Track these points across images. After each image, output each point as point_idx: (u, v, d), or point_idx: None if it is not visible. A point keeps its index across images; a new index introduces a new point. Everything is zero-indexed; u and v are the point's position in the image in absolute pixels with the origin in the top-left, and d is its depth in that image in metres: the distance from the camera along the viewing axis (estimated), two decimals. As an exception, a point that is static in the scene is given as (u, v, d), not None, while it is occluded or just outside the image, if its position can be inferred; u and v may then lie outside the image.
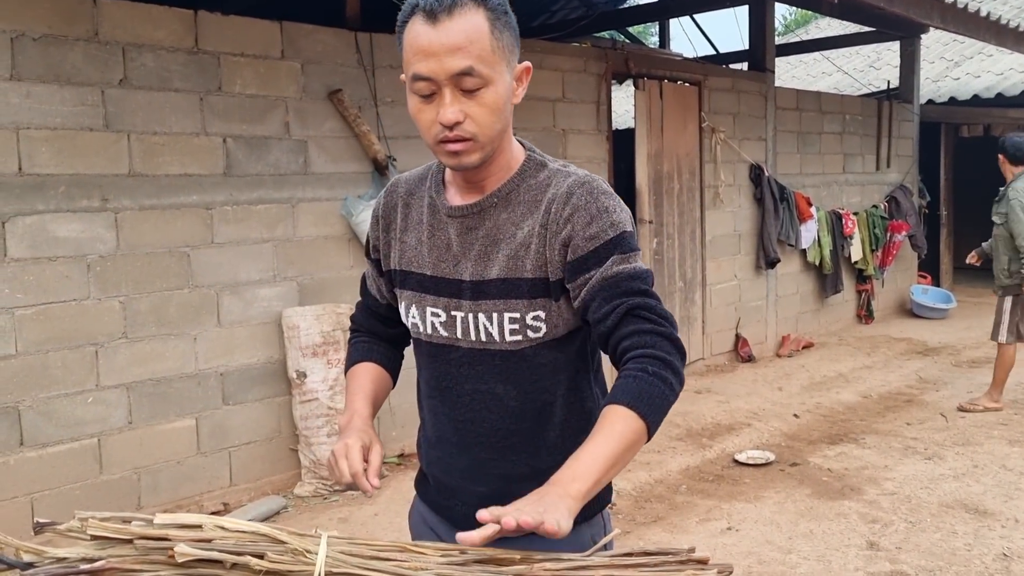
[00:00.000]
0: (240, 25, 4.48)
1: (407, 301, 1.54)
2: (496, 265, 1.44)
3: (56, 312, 3.94)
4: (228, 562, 1.01)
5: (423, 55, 1.32)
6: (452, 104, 1.33)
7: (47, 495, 3.94)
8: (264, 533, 1.04)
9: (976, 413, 5.96)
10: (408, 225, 1.55)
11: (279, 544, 1.04)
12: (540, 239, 1.42)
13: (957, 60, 12.45)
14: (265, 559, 1.02)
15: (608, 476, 1.27)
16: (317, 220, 4.83)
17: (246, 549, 1.02)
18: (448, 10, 1.30)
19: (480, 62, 1.32)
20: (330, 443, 4.58)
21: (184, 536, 1.02)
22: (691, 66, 7.82)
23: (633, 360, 1.34)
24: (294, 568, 1.03)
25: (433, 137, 1.37)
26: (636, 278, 1.39)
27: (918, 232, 9.90)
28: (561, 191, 1.42)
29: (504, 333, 1.44)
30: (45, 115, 3.86)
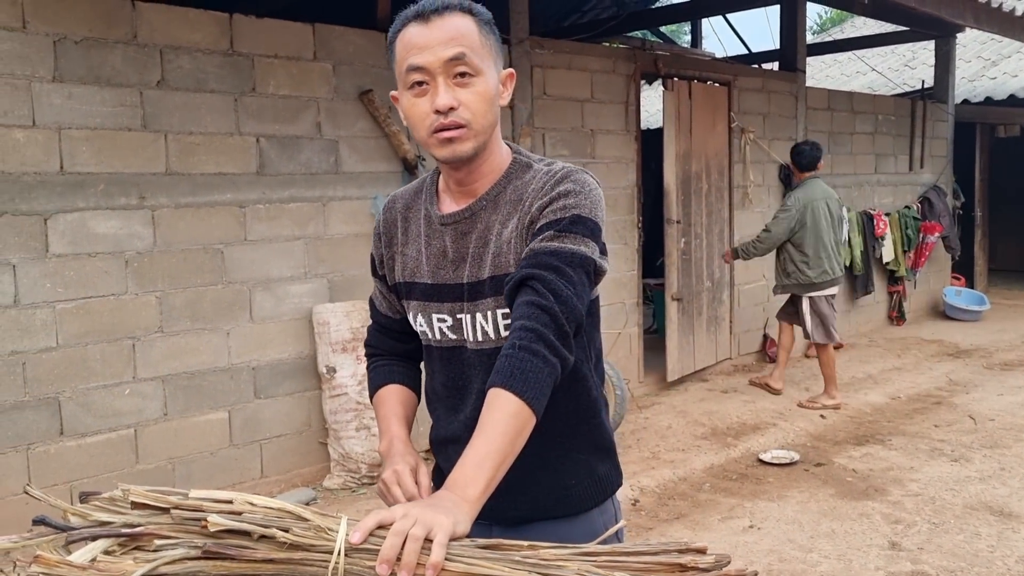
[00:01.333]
0: (274, 27, 4.58)
1: (414, 311, 1.60)
2: (488, 265, 1.50)
3: (95, 306, 4.07)
4: (256, 534, 1.07)
5: (417, 49, 1.40)
6: (446, 91, 1.40)
7: (86, 483, 4.06)
8: (289, 510, 1.11)
9: (816, 410, 6.20)
10: (408, 238, 1.61)
11: (302, 521, 1.10)
12: (519, 233, 1.48)
13: (994, 59, 12.29)
14: (290, 533, 1.08)
15: (501, 470, 1.28)
16: (347, 218, 4.93)
17: (273, 523, 1.08)
18: (439, 12, 1.40)
19: (471, 51, 1.40)
20: (359, 437, 4.68)
21: (216, 508, 1.09)
22: (721, 66, 7.83)
23: (511, 334, 1.36)
24: (316, 543, 1.09)
25: (428, 128, 1.43)
26: (554, 254, 1.39)
27: (951, 233, 9.81)
28: (540, 184, 1.48)
29: (499, 330, 1.49)
30: (86, 115, 3.99)
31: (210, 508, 1.09)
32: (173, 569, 1.06)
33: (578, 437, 1.59)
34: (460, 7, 1.43)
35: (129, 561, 1.06)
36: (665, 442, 5.54)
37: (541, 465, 1.48)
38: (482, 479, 1.25)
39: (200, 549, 1.07)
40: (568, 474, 1.58)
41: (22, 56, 3.81)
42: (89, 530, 1.09)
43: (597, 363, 1.64)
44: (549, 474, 1.55)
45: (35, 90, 3.85)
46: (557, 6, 9.89)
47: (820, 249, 6.24)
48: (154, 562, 1.05)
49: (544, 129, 5.87)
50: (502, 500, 1.51)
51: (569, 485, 1.57)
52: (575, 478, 1.58)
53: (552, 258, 1.38)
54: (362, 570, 1.10)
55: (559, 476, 1.56)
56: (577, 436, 1.59)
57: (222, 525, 1.06)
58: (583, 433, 1.60)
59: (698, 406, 6.38)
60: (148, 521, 1.10)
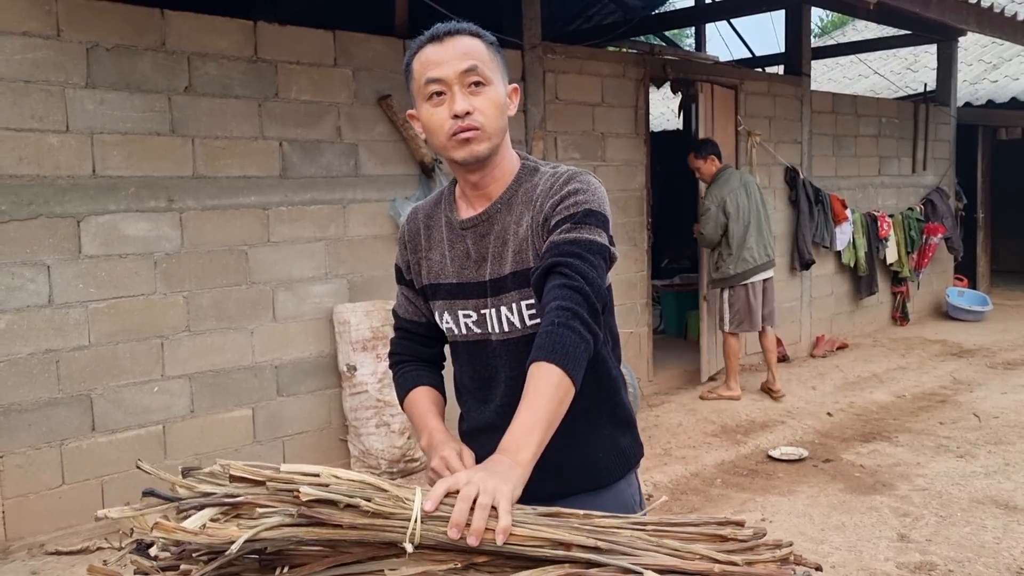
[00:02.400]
0: (296, 34, 4.70)
1: (440, 310, 1.74)
2: (508, 262, 1.64)
3: (125, 306, 4.19)
4: (342, 503, 1.18)
5: (434, 64, 1.57)
6: (462, 98, 1.56)
7: (116, 478, 4.18)
8: (370, 482, 1.22)
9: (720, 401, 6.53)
10: (431, 244, 1.75)
11: (382, 492, 1.22)
12: (533, 229, 1.63)
13: (996, 63, 12.41)
14: (372, 502, 1.19)
15: (547, 436, 1.40)
16: (367, 220, 5.05)
17: (356, 494, 1.19)
18: (451, 34, 1.58)
19: (482, 64, 1.58)
20: (378, 433, 4.79)
21: (306, 480, 1.20)
22: (727, 70, 7.95)
23: (547, 315, 1.49)
24: (394, 511, 1.20)
25: (446, 133, 1.58)
26: (575, 243, 1.54)
27: (954, 235, 9.92)
28: (548, 185, 1.64)
29: (524, 319, 1.64)
30: (116, 120, 4.11)
31: (300, 480, 1.20)
32: (272, 534, 1.17)
33: (602, 414, 1.74)
34: (469, 31, 1.61)
35: (233, 527, 1.17)
36: (676, 439, 5.66)
37: (570, 442, 1.60)
38: (532, 443, 1.37)
39: (294, 516, 1.18)
40: (595, 448, 1.72)
41: (56, 63, 3.93)
42: (197, 500, 1.21)
43: (615, 346, 1.78)
44: (577, 450, 1.68)
45: (68, 96, 3.97)
46: (563, 12, 10.01)
47: (743, 240, 6.41)
48: (256, 527, 1.16)
49: (556, 132, 5.99)
50: (534, 478, 1.64)
51: (597, 459, 1.71)
52: (601, 451, 1.72)
53: (573, 246, 1.53)
54: (436, 535, 1.21)
55: (587, 451, 1.70)
56: (601, 412, 1.74)
57: (313, 495, 1.17)
58: (606, 409, 1.75)
59: (707, 404, 6.50)
60: (246, 492, 1.21)
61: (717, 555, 1.26)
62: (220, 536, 1.15)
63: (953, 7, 6.97)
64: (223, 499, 1.20)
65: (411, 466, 4.93)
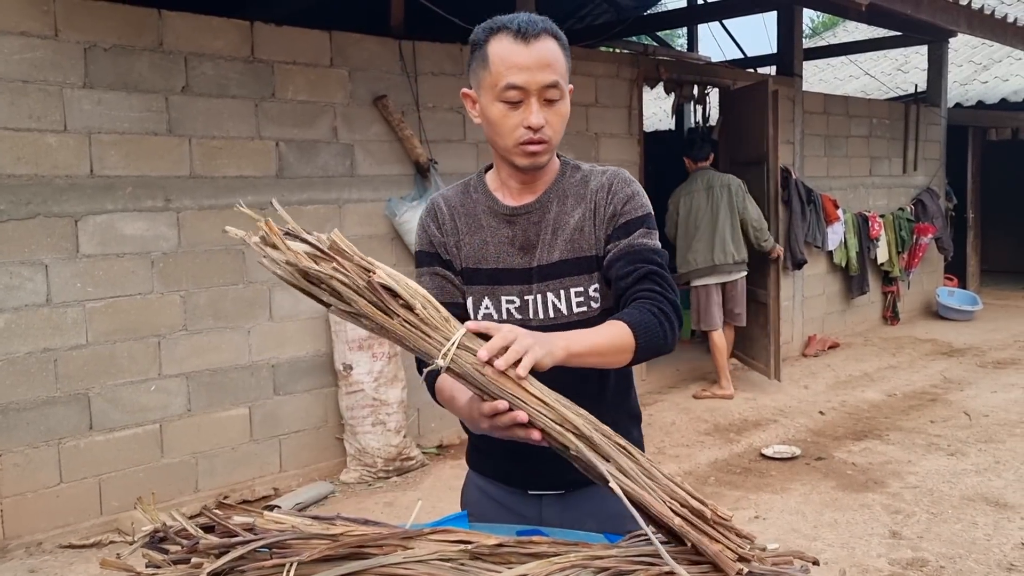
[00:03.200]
0: (293, 35, 4.72)
1: (478, 295, 1.74)
2: (557, 249, 1.69)
3: (123, 305, 4.20)
4: (403, 299, 1.30)
5: (517, 68, 1.56)
6: (539, 111, 1.59)
7: (113, 476, 4.20)
8: (429, 299, 1.34)
9: (714, 399, 6.62)
10: (470, 229, 1.76)
11: (437, 310, 1.34)
12: (592, 221, 1.69)
13: (986, 64, 12.51)
14: (426, 310, 1.31)
15: (590, 355, 1.46)
16: (362, 220, 5.07)
17: (417, 297, 1.32)
18: (536, 35, 1.58)
19: (561, 78, 1.60)
20: (375, 432, 4.82)
21: (384, 272, 1.31)
22: (720, 71, 8.00)
23: (640, 301, 1.59)
24: (440, 326, 1.32)
25: (515, 139, 1.61)
26: (656, 252, 1.66)
27: (944, 235, 10.00)
28: (603, 182, 1.72)
29: (572, 306, 1.69)
30: (114, 120, 4.12)
31: (379, 267, 1.32)
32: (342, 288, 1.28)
33: (622, 406, 1.81)
34: (551, 31, 1.61)
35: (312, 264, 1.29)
36: (670, 438, 5.70)
37: None
38: (576, 346, 1.43)
39: (361, 289, 1.29)
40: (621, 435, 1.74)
41: (54, 63, 3.94)
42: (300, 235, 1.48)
43: None
44: None
45: (66, 96, 3.99)
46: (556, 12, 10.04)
47: (688, 242, 6.57)
48: (332, 275, 1.27)
49: (551, 133, 6.00)
50: (557, 466, 1.66)
51: None
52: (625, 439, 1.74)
53: (656, 256, 1.65)
54: (464, 362, 1.31)
55: None
56: (621, 405, 1.81)
57: (384, 280, 1.30)
58: (625, 402, 1.82)
59: (700, 403, 6.54)
60: (338, 259, 1.30)
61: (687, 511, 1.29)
62: (302, 261, 1.27)
63: (944, 8, 7.04)
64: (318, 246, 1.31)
65: (407, 464, 4.95)
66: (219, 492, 4.53)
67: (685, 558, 1.27)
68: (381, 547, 1.27)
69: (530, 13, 1.62)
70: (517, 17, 1.60)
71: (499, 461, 1.81)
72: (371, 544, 1.27)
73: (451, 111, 5.43)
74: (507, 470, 1.81)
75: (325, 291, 1.28)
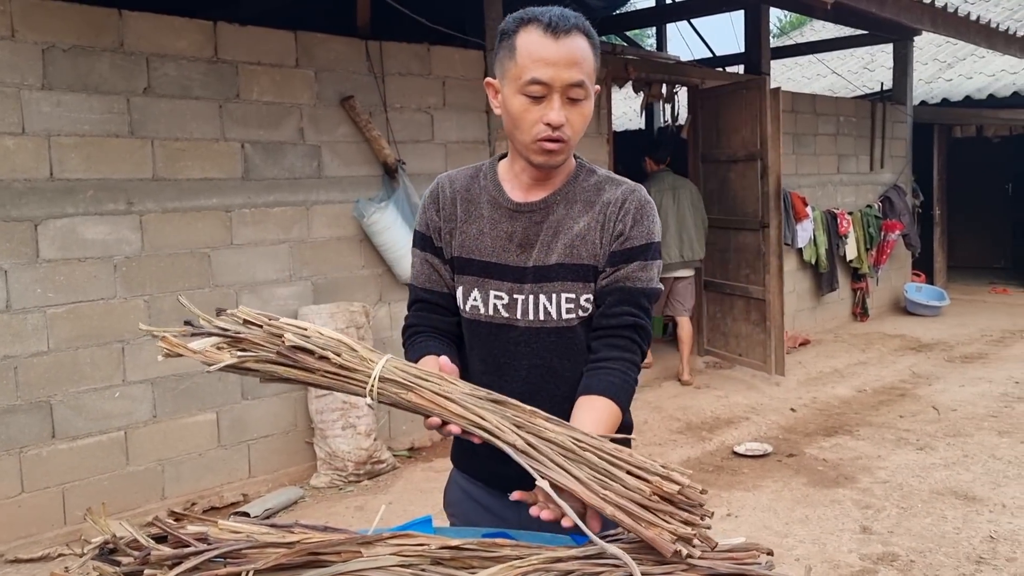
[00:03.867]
0: (257, 35, 4.66)
1: (468, 285, 1.71)
2: (556, 252, 1.65)
3: (85, 311, 4.13)
4: (317, 353, 1.36)
5: (543, 63, 1.53)
6: (561, 109, 1.55)
7: (77, 485, 4.12)
8: (345, 342, 1.39)
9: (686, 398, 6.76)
10: (469, 217, 1.73)
11: (353, 351, 1.38)
12: (598, 233, 1.65)
13: (950, 62, 12.66)
14: (341, 356, 1.36)
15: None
16: (330, 222, 5.02)
17: (330, 348, 1.37)
18: (567, 31, 1.54)
19: (587, 78, 1.57)
20: (344, 435, 4.77)
21: (294, 331, 1.38)
22: (689, 70, 8.02)
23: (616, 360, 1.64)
24: (359, 367, 1.36)
25: (533, 135, 1.57)
26: (647, 296, 1.66)
27: (912, 231, 10.10)
28: (617, 196, 1.68)
29: (561, 311, 1.66)
30: (74, 122, 4.05)
31: (287, 328, 1.38)
32: (257, 366, 1.36)
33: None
34: (582, 28, 1.57)
35: (227, 354, 1.36)
36: (642, 436, 5.70)
37: None
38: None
39: (276, 354, 1.36)
40: None
41: (11, 64, 3.86)
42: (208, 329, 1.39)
43: None
44: None
45: (24, 98, 3.90)
46: (525, 11, 10.02)
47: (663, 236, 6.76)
48: (244, 356, 1.35)
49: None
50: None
51: None
52: None
53: (646, 300, 1.66)
54: (390, 395, 1.37)
55: None
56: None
57: (294, 342, 1.36)
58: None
59: (672, 401, 6.56)
60: (248, 332, 1.37)
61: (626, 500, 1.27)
62: (213, 357, 1.35)
63: (908, 7, 7.10)
64: (225, 331, 1.38)
65: (378, 467, 4.91)
66: (187, 499, 4.47)
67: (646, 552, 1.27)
68: (339, 553, 1.24)
69: (564, 8, 1.59)
70: (550, 11, 1.56)
71: (483, 461, 1.79)
72: (329, 551, 1.24)
73: (419, 111, 5.39)
74: (489, 471, 1.78)
75: (243, 369, 1.36)
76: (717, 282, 7.61)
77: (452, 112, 5.55)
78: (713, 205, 7.52)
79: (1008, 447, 5.19)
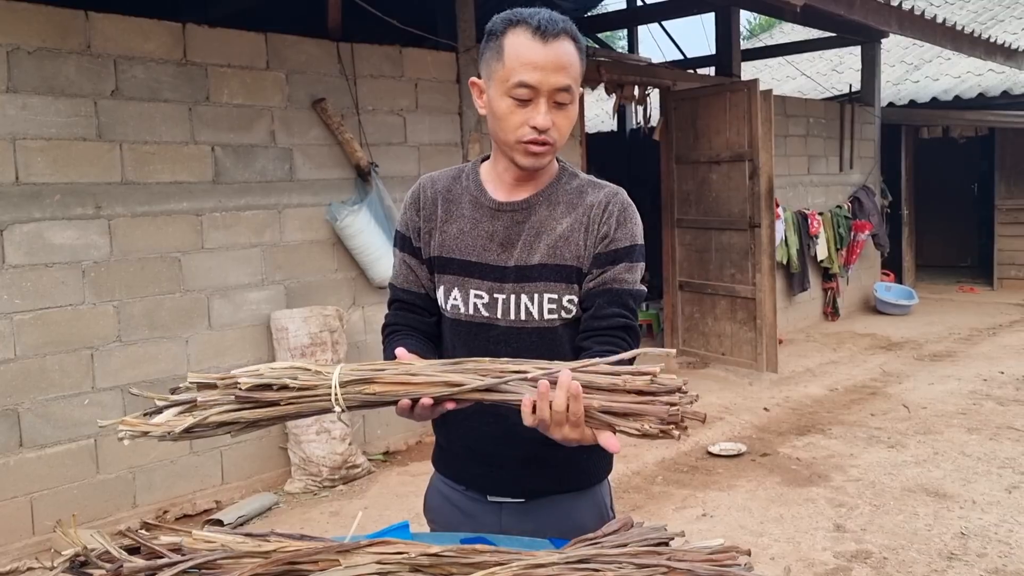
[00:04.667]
0: (227, 37, 4.62)
1: (448, 284, 1.71)
2: (538, 253, 1.65)
3: (53, 317, 4.06)
4: (275, 385, 1.35)
5: (531, 67, 1.53)
6: (547, 113, 1.56)
7: (46, 495, 4.05)
8: (297, 366, 1.40)
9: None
10: (449, 217, 1.72)
11: (306, 371, 1.39)
12: (582, 234, 1.65)
13: (916, 64, 12.83)
14: (297, 380, 1.36)
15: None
16: (303, 225, 4.98)
17: (284, 376, 1.36)
18: (555, 35, 1.55)
19: (574, 82, 1.57)
20: (319, 440, 4.73)
21: (243, 373, 1.37)
22: (661, 71, 8.06)
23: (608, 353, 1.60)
24: (318, 383, 1.36)
25: (518, 137, 1.58)
26: (633, 296, 1.66)
27: (881, 231, 10.21)
28: (600, 198, 1.67)
29: (543, 312, 1.65)
30: (40, 126, 3.98)
31: (240, 376, 1.37)
32: (220, 417, 1.34)
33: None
34: (570, 33, 1.57)
35: (188, 417, 1.34)
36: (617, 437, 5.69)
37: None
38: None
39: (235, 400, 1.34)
40: (581, 449, 1.71)
41: (-25, 67, 3.80)
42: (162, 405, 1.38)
43: None
44: (567, 450, 1.67)
45: (-12, 101, 3.84)
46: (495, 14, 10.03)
47: None
48: (206, 414, 1.34)
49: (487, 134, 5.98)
50: (523, 473, 1.63)
51: (581, 459, 1.70)
52: (586, 453, 1.70)
53: (632, 301, 1.66)
54: (356, 395, 1.37)
55: (575, 451, 1.69)
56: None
57: (249, 382, 1.35)
58: None
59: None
60: (204, 395, 1.36)
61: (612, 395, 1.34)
62: (175, 424, 1.32)
63: (876, 9, 7.18)
64: (179, 399, 1.36)
65: (353, 472, 4.88)
66: (158, 507, 4.41)
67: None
68: (317, 563, 1.23)
69: (551, 11, 1.59)
70: (539, 13, 1.56)
71: (462, 463, 1.79)
72: (306, 560, 1.22)
73: (391, 114, 5.37)
74: (468, 473, 1.78)
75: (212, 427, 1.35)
76: (696, 282, 7.66)
77: (425, 114, 5.54)
78: (689, 206, 7.57)
79: (977, 444, 5.26)
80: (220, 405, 1.34)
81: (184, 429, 1.32)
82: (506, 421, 1.64)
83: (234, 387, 1.34)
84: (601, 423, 1.34)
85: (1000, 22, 13.30)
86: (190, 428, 1.32)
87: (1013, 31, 12.48)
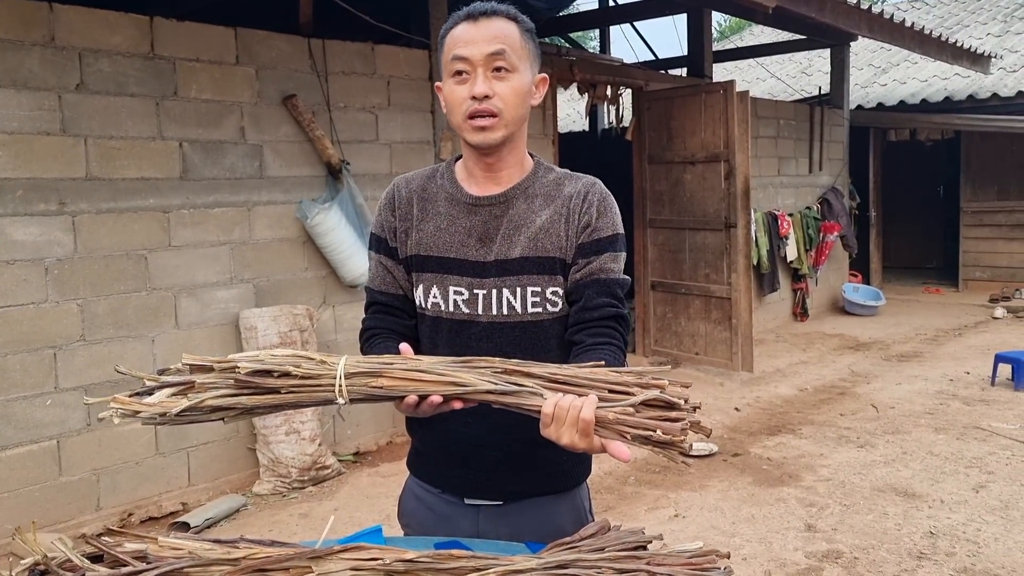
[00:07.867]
0: (195, 31, 4.54)
1: (427, 283, 1.68)
2: (518, 246, 1.63)
3: (14, 316, 3.97)
4: (277, 372, 1.32)
5: (463, 43, 1.57)
6: (484, 81, 1.56)
7: (7, 497, 3.96)
8: (300, 355, 1.36)
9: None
10: (425, 215, 1.70)
11: (310, 359, 1.34)
12: (563, 225, 1.64)
13: (884, 67, 12.97)
14: (300, 368, 1.32)
15: None
16: (273, 223, 4.91)
17: (287, 363, 1.32)
18: (487, 15, 1.58)
19: (510, 50, 1.57)
20: (288, 441, 4.67)
21: (244, 358, 1.33)
22: (634, 72, 8.06)
23: (604, 347, 1.59)
24: (322, 372, 1.33)
25: (463, 113, 1.58)
26: (619, 285, 1.66)
27: (849, 232, 10.30)
28: (579, 189, 1.68)
29: (527, 305, 1.63)
30: (2, 119, 3.89)
31: (240, 360, 1.33)
32: (217, 402, 1.31)
33: None
34: (507, 14, 1.60)
35: (183, 399, 1.30)
36: (589, 438, 5.69)
37: (542, 443, 1.58)
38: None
39: (234, 383, 1.30)
40: (562, 451, 1.68)
41: (-66, 58, 3.70)
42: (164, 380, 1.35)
43: None
44: (548, 452, 1.64)
45: (-52, 93, 3.74)
46: (470, 12, 9.98)
47: None
48: (202, 396, 1.30)
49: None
50: (502, 475, 1.60)
51: (562, 461, 1.68)
52: (566, 455, 1.68)
53: (619, 290, 1.66)
54: (361, 388, 1.34)
55: (555, 453, 1.66)
56: None
57: (250, 368, 1.31)
58: None
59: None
60: (200, 378, 1.32)
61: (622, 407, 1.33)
62: (168, 405, 1.29)
63: (846, 12, 7.24)
64: (173, 380, 1.33)
65: (323, 473, 4.82)
66: (123, 510, 4.32)
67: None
68: (288, 569, 1.19)
69: (496, 3, 1.62)
70: (474, 5, 1.60)
71: (437, 466, 1.76)
72: (277, 567, 1.18)
73: (363, 111, 5.31)
74: (444, 475, 1.74)
75: (206, 411, 1.31)
76: (668, 282, 7.67)
77: (397, 112, 5.49)
78: (662, 206, 7.57)
79: (944, 443, 5.31)
80: (217, 389, 1.31)
81: (180, 411, 1.29)
82: (486, 421, 1.62)
83: (232, 371, 1.31)
84: (611, 433, 1.32)
85: (965, 27, 13.49)
86: (184, 411, 1.29)
87: (978, 36, 12.67)
